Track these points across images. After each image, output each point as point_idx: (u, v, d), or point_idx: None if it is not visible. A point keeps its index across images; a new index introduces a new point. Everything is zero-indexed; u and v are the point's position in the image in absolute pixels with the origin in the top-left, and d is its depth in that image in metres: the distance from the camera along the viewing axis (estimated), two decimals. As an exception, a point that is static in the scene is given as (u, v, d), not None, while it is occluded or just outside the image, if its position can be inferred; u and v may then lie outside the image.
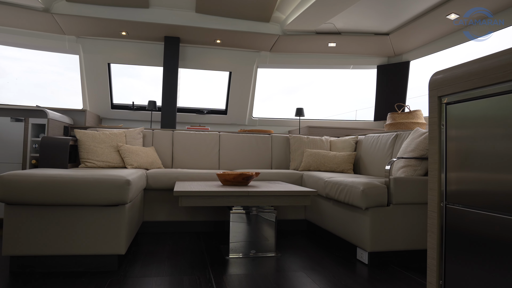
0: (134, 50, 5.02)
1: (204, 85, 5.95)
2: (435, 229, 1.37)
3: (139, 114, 5.35)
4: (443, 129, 1.35)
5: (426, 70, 5.42)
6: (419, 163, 2.46)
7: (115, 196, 1.96)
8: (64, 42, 4.75)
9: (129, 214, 2.16)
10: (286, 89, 7.44)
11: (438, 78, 1.38)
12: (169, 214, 3.12)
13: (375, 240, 2.23)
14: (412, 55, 5.13)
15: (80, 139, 3.33)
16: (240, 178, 2.52)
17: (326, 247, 2.70)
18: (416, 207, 2.31)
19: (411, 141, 2.64)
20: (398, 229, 2.28)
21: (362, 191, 2.21)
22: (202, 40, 4.92)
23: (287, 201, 2.31)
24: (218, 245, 2.71)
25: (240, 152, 3.90)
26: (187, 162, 3.76)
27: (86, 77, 4.97)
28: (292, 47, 5.16)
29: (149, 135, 3.78)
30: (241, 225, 2.45)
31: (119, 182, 1.97)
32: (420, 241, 2.31)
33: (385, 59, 5.49)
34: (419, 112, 4.33)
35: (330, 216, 2.79)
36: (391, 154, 3.15)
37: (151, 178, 3.04)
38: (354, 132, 4.78)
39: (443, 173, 1.34)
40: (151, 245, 2.63)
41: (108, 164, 3.34)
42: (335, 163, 3.64)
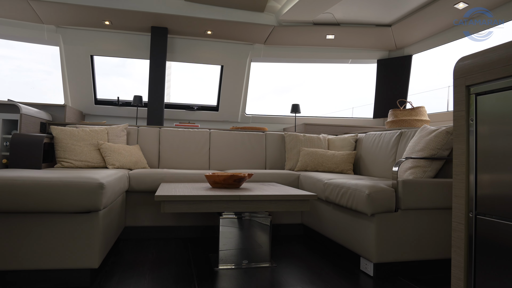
0: (119, 41, 4.77)
1: (194, 80, 5.74)
2: (461, 244, 1.17)
3: (125, 110, 5.10)
4: (472, 125, 1.15)
5: (429, 65, 5.26)
6: (429, 163, 2.27)
7: (86, 202, 1.73)
8: (43, 32, 4.48)
9: (105, 222, 1.94)
10: (279, 88, 7.29)
11: (466, 64, 1.18)
12: (154, 219, 2.90)
13: (381, 250, 2.04)
14: (414, 49, 4.95)
15: (56, 136, 3.10)
16: (231, 180, 2.31)
17: (326, 256, 2.50)
18: (427, 213, 2.11)
19: (419, 139, 2.45)
20: (407, 237, 2.08)
21: (368, 195, 2.00)
22: (191, 31, 4.69)
23: (284, 206, 2.10)
24: (207, 253, 2.50)
25: (232, 151, 3.70)
26: (175, 162, 3.54)
27: (67, 70, 4.71)
28: (287, 39, 4.95)
29: (134, 132, 3.55)
30: (232, 231, 2.24)
31: (90, 186, 1.74)
32: (431, 250, 2.12)
33: (386, 53, 5.31)
34: (423, 108, 4.16)
35: (330, 221, 2.59)
36: (395, 153, 2.96)
37: (134, 179, 2.81)
38: (352, 130, 4.59)
39: (472, 176, 1.14)
40: (132, 254, 2.41)
41: (87, 164, 3.10)
42: (334, 163, 3.44)
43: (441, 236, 2.13)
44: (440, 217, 2.13)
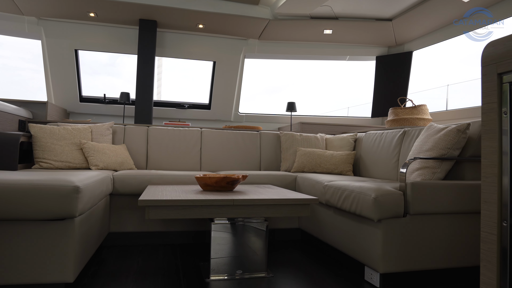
0: (105, 35, 4.57)
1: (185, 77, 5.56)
2: (493, 258, 1.02)
3: (112, 108, 4.90)
4: (505, 119, 1.00)
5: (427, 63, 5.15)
6: (439, 164, 2.13)
7: (59, 208, 1.55)
8: (23, 24, 4.27)
9: (82, 230, 1.76)
10: (270, 88, 7.17)
11: (497, 49, 1.03)
12: (140, 224, 2.72)
13: (388, 259, 1.89)
14: (415, 45, 4.83)
15: (35, 135, 2.90)
16: (224, 182, 2.14)
17: (326, 264, 2.34)
18: (438, 218, 1.97)
19: (426, 138, 2.30)
20: (416, 244, 1.94)
21: (375, 199, 1.85)
22: (182, 24, 4.51)
23: (282, 211, 1.94)
24: (197, 262, 2.33)
25: (225, 151, 3.53)
26: (164, 163, 3.37)
27: (50, 65, 4.50)
28: (283, 34, 4.79)
29: (120, 131, 3.37)
30: (225, 238, 2.07)
31: (64, 190, 1.56)
32: (443, 259, 1.97)
33: (385, 49, 5.19)
34: (424, 107, 4.03)
35: (330, 226, 2.44)
36: (398, 153, 2.82)
37: (119, 181, 2.64)
38: (351, 129, 4.45)
39: (506, 179, 0.99)
40: (116, 263, 2.23)
41: (68, 165, 2.91)
42: (332, 163, 3.29)
43: (454, 243, 1.99)
44: (453, 223, 1.99)
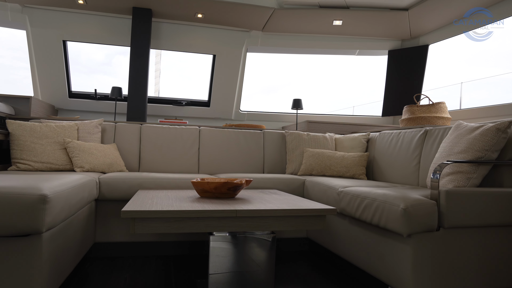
0: (95, 24, 4.32)
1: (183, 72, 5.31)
2: None
3: (104, 104, 4.65)
4: None
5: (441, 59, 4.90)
6: (475, 169, 1.87)
7: (20, 222, 1.29)
8: (6, 12, 4.02)
9: (53, 246, 1.50)
10: (270, 86, 6.92)
11: None
12: (130, 233, 2.46)
13: (420, 280, 1.63)
14: (432, 38, 4.56)
15: (12, 132, 2.65)
16: (225, 188, 1.88)
17: (340, 282, 2.09)
18: (477, 232, 1.71)
19: (457, 138, 2.04)
20: (451, 263, 1.68)
21: (404, 210, 1.59)
22: (179, 13, 4.26)
23: (293, 224, 1.68)
24: (194, 279, 2.07)
25: (225, 152, 3.27)
26: (158, 164, 3.12)
27: (36, 57, 4.25)
28: (288, 25, 4.54)
29: (111, 129, 3.11)
30: (226, 250, 1.82)
31: (27, 200, 1.30)
32: (484, 280, 1.71)
33: (398, 43, 4.93)
34: (443, 104, 3.78)
35: (345, 238, 2.18)
36: (419, 155, 2.56)
37: (106, 185, 2.38)
38: (361, 128, 4.20)
39: None
40: (100, 280, 1.97)
41: (50, 166, 2.66)
42: (343, 166, 3.04)
43: (497, 261, 1.73)
44: (497, 237, 1.74)
